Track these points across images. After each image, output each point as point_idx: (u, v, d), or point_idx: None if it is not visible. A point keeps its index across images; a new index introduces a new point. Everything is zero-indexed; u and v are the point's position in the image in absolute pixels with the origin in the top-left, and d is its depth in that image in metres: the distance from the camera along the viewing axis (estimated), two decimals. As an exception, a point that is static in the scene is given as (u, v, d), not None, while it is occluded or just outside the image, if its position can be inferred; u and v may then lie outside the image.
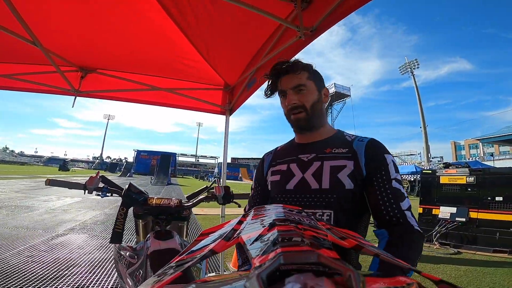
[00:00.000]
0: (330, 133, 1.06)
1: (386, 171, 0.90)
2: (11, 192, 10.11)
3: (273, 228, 0.33)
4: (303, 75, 0.99)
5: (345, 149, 0.96)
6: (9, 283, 2.58)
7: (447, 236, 4.93)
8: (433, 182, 5.54)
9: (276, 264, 0.25)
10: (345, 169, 0.91)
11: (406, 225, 0.84)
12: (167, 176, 25.23)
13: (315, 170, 0.95)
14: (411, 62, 48.44)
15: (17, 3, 1.77)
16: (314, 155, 0.99)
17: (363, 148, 0.94)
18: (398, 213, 0.85)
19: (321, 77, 1.06)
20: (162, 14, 1.97)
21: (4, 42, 2.24)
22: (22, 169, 37.44)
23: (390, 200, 0.87)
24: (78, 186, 1.42)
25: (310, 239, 0.31)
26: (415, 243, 0.82)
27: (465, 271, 3.60)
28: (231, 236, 0.37)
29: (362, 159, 0.92)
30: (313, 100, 0.99)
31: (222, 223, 0.45)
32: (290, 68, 1.00)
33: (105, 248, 3.93)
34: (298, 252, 0.27)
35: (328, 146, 0.99)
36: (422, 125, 42.72)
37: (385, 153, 0.94)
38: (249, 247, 0.31)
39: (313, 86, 1.00)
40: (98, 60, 2.74)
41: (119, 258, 1.34)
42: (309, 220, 0.41)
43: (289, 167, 1.02)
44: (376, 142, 0.97)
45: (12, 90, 2.84)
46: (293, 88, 0.99)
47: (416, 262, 0.79)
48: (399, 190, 0.89)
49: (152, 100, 3.21)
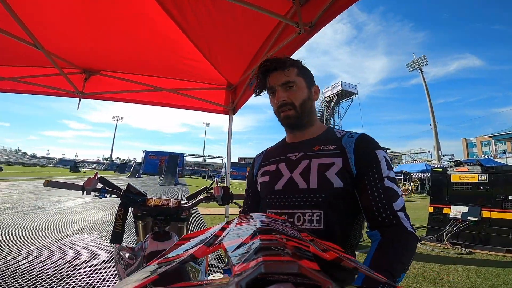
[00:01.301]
0: (320, 130, 1.02)
1: (377, 169, 0.85)
2: (23, 193, 10.36)
3: (256, 237, 0.33)
4: (292, 72, 0.95)
5: (334, 145, 0.92)
6: (18, 283, 2.62)
7: (459, 235, 4.81)
8: (444, 180, 5.41)
9: (256, 273, 0.25)
10: (333, 167, 0.87)
11: (399, 226, 0.80)
12: (175, 176, 25.45)
13: (303, 169, 0.91)
14: (419, 59, 47.64)
15: (17, 6, 1.79)
16: (302, 154, 0.96)
17: (352, 144, 0.90)
18: (391, 214, 0.81)
19: (311, 74, 1.03)
20: (163, 15, 1.98)
21: (9, 46, 2.29)
22: (34, 171, 38.36)
23: (382, 201, 0.82)
24: (76, 187, 1.42)
25: (292, 249, 0.31)
26: (407, 245, 0.78)
27: (477, 271, 3.50)
28: (213, 242, 0.37)
29: (351, 156, 0.88)
30: (302, 98, 0.96)
31: (204, 229, 0.45)
32: (279, 65, 0.96)
33: (112, 249, 3.97)
34: (279, 262, 0.27)
35: (317, 144, 0.95)
36: (432, 123, 41.95)
37: (376, 149, 0.89)
38: (231, 254, 0.31)
39: (303, 83, 0.97)
40: (101, 62, 2.76)
41: (118, 258, 1.34)
42: (292, 231, 0.41)
43: (278, 167, 0.99)
44: (366, 137, 0.93)
45: (19, 93, 2.90)
46: (282, 85, 0.95)
47: (408, 265, 0.76)
48: (392, 189, 0.84)
49: (155, 100, 3.23)
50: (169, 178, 24.98)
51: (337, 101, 51.96)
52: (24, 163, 73.07)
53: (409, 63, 49.37)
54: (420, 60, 47.39)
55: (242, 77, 2.69)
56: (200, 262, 1.25)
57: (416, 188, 21.10)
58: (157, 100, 3.22)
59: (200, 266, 1.24)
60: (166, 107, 3.33)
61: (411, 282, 3.09)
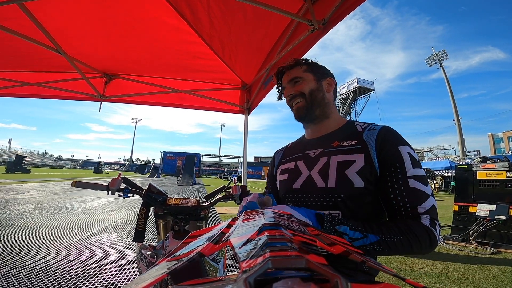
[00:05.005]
0: (339, 124, 0.96)
1: (401, 167, 0.76)
2: (51, 194, 10.87)
3: (262, 233, 0.33)
4: (299, 69, 0.98)
5: (354, 141, 0.85)
6: (44, 282, 2.74)
7: (486, 235, 4.59)
8: (469, 177, 5.18)
9: (264, 269, 0.25)
10: (354, 165, 0.80)
11: (415, 219, 0.72)
12: (193, 176, 25.80)
13: (321, 167, 0.87)
14: (439, 53, 45.75)
15: (38, 12, 1.89)
16: (321, 150, 0.91)
17: (374, 138, 0.82)
18: (413, 216, 0.73)
19: (322, 69, 1.02)
20: (177, 18, 2.02)
21: (33, 52, 2.41)
22: (60, 172, 40.14)
23: (405, 205, 0.74)
24: (102, 187, 1.48)
25: (299, 244, 0.31)
26: (411, 231, 0.69)
27: (504, 271, 3.34)
28: (220, 239, 0.37)
29: (373, 151, 0.80)
30: (310, 88, 0.96)
31: (211, 226, 0.45)
32: (286, 67, 1.02)
33: (134, 247, 4.09)
34: (286, 257, 0.27)
35: (336, 139, 0.90)
36: (455, 118, 40.22)
37: (399, 144, 0.80)
38: (238, 250, 0.31)
39: (311, 76, 0.97)
40: (119, 65, 2.86)
41: (140, 257, 1.38)
42: (298, 225, 0.41)
43: (296, 164, 0.96)
44: (389, 130, 0.84)
45: (44, 98, 3.04)
46: (290, 82, 0.99)
47: (399, 244, 0.69)
48: (418, 190, 0.74)
49: (172, 102, 3.30)
50: (186, 178, 25.38)
51: (353, 98, 50.95)
52: (50, 165, 76.64)
53: (428, 58, 47.58)
54: (440, 54, 45.56)
55: (256, 76, 2.70)
56: (218, 260, 1.27)
57: (440, 186, 20.34)
58: (174, 102, 3.29)
59: (218, 264, 1.26)
60: (182, 108, 3.40)
61: (434, 282, 2.99)
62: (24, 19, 1.88)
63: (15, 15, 1.85)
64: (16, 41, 2.16)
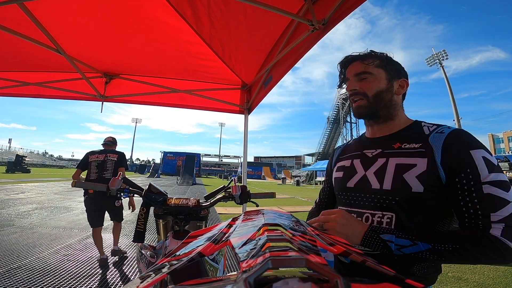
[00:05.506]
0: (404, 125, 0.90)
1: (472, 173, 0.71)
2: (51, 194, 10.87)
3: (263, 233, 0.34)
4: (371, 63, 0.89)
5: (418, 144, 0.80)
6: (44, 282, 2.75)
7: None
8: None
9: (264, 269, 0.25)
10: (414, 169, 0.76)
11: (484, 230, 0.67)
12: (193, 176, 25.75)
13: (378, 167, 0.84)
14: (439, 53, 45.52)
15: (38, 13, 1.88)
16: (380, 151, 0.88)
17: (442, 141, 0.77)
18: (482, 225, 0.68)
19: (398, 67, 0.93)
20: (177, 18, 2.02)
21: (33, 51, 2.41)
22: (60, 172, 40.09)
23: (477, 212, 0.69)
24: (102, 187, 1.48)
25: (298, 244, 0.31)
26: (470, 241, 0.66)
27: (504, 271, 3.35)
28: (220, 239, 0.37)
29: (439, 155, 0.75)
30: (377, 88, 0.88)
31: (211, 226, 0.45)
32: (359, 56, 0.92)
33: (135, 247, 4.09)
34: (286, 257, 0.27)
35: (398, 141, 0.85)
36: (455, 118, 40.12)
37: (472, 148, 0.73)
38: (238, 250, 0.32)
39: (383, 75, 0.89)
40: (120, 65, 2.86)
41: (140, 257, 1.38)
42: (299, 225, 0.41)
43: (352, 163, 0.94)
44: (461, 133, 0.77)
45: (45, 98, 3.04)
46: (356, 75, 0.91)
47: (466, 261, 0.67)
48: (495, 197, 0.68)
49: (172, 102, 3.30)
50: (186, 178, 25.34)
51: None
52: (50, 165, 76.60)
53: (429, 58, 47.37)
54: (440, 54, 45.40)
55: (256, 76, 2.70)
56: (218, 260, 1.27)
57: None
58: (174, 102, 3.29)
59: (218, 264, 1.26)
60: (182, 108, 3.40)
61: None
62: (24, 19, 1.88)
63: (15, 15, 1.85)
64: (16, 41, 2.16)
